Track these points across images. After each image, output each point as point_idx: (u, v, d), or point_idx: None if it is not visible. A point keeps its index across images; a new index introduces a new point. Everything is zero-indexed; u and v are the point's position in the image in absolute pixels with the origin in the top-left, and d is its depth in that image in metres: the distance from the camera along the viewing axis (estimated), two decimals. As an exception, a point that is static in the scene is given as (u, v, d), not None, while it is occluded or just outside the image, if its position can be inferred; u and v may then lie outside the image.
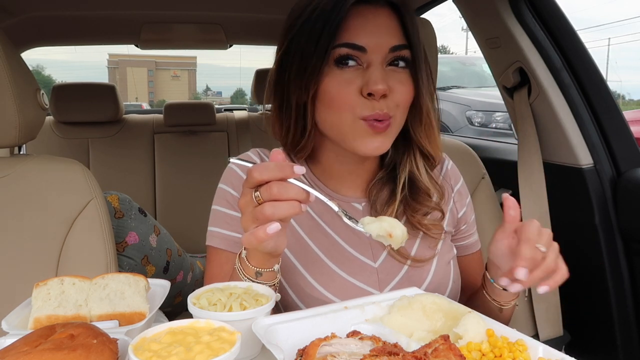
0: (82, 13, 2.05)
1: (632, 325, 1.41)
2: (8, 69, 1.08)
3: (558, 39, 1.45)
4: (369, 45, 0.82)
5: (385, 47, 0.83)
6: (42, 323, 0.68)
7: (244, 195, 0.70)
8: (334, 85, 0.83)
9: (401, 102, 0.85)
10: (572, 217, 1.47)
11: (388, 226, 0.72)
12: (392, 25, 0.85)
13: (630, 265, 1.40)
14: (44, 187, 1.15)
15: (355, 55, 0.83)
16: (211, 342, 0.56)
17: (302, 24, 0.84)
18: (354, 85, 0.82)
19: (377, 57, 0.83)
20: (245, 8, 2.08)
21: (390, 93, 0.83)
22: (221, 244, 0.92)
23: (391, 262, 0.93)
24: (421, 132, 0.92)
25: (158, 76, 56.86)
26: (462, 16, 1.64)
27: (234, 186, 0.94)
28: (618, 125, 1.45)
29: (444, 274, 0.96)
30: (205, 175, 2.56)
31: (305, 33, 0.83)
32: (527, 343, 0.65)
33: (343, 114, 0.84)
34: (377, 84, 0.80)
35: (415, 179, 0.95)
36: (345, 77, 0.83)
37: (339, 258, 0.92)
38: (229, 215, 0.93)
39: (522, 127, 1.52)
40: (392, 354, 0.57)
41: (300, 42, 0.84)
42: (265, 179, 0.67)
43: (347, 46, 0.82)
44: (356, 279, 0.91)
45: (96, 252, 1.14)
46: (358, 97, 0.82)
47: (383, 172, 0.97)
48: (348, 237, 0.94)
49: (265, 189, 0.67)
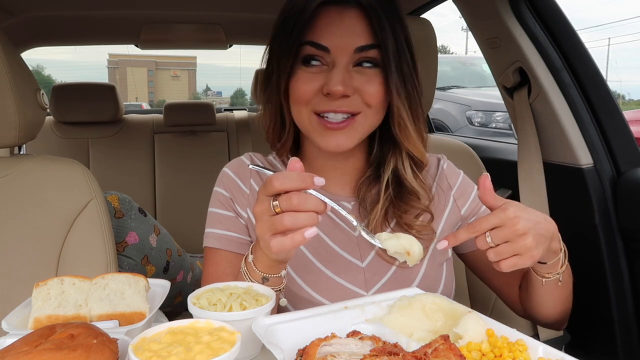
0: (82, 13, 2.05)
1: (632, 325, 1.41)
2: (8, 69, 1.08)
3: (558, 39, 1.44)
4: (332, 46, 0.84)
5: (350, 47, 0.84)
6: (42, 323, 0.68)
7: (260, 202, 0.70)
8: (298, 83, 0.86)
9: (371, 101, 0.86)
10: (572, 217, 1.47)
11: (406, 244, 0.73)
12: (359, 26, 0.85)
13: (630, 265, 1.40)
14: (44, 187, 1.15)
15: (319, 55, 0.85)
16: (211, 342, 0.57)
17: (280, 25, 0.88)
18: (316, 84, 0.85)
19: (342, 58, 0.84)
20: (246, 8, 2.08)
21: (356, 93, 0.85)
22: (216, 244, 0.93)
23: (379, 262, 0.93)
24: (398, 133, 0.91)
25: (158, 76, 56.87)
26: (462, 16, 1.64)
27: (226, 187, 0.96)
28: (618, 125, 1.45)
29: (435, 275, 0.96)
30: (205, 175, 2.54)
31: (281, 33, 0.87)
32: (527, 343, 0.65)
33: (301, 109, 0.87)
34: (337, 84, 0.82)
35: (402, 178, 0.95)
36: (309, 76, 0.86)
37: (326, 257, 0.92)
38: (221, 215, 0.95)
39: (522, 127, 1.52)
40: (392, 354, 0.57)
41: (277, 42, 0.88)
42: (285, 189, 0.67)
43: (311, 44, 0.85)
44: (342, 279, 0.91)
45: (96, 252, 1.14)
46: (317, 95, 0.85)
47: (371, 171, 0.98)
48: (335, 236, 0.94)
49: (285, 199, 0.67)
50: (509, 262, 0.73)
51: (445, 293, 0.95)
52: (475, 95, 5.37)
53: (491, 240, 0.72)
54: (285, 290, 0.89)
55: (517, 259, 0.73)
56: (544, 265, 0.83)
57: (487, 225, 0.73)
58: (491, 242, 0.72)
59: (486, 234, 0.73)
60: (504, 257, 0.73)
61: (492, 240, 0.72)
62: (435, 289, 0.94)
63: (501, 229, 0.72)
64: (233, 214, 0.95)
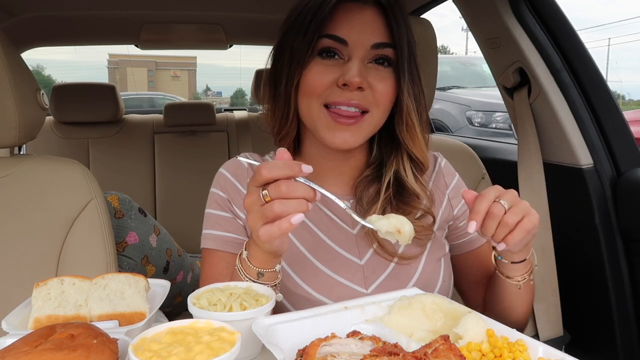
0: (82, 13, 2.05)
1: (632, 325, 1.41)
2: (8, 69, 1.08)
3: (558, 39, 1.45)
4: (350, 39, 0.85)
5: (367, 43, 0.86)
6: (42, 323, 0.68)
7: (250, 194, 0.71)
8: (312, 74, 0.87)
9: (380, 100, 0.88)
10: (572, 217, 1.47)
11: (397, 222, 0.73)
12: (376, 23, 0.87)
13: (630, 265, 1.40)
14: (44, 187, 1.14)
15: (337, 48, 0.86)
16: (211, 342, 0.56)
17: (294, 20, 0.89)
18: (330, 76, 0.86)
19: (358, 52, 0.86)
20: (245, 8, 2.08)
21: (368, 88, 0.86)
22: (213, 245, 0.94)
23: (377, 259, 0.94)
24: (404, 134, 0.93)
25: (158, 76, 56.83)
26: (462, 16, 1.64)
27: (222, 188, 0.97)
28: (618, 125, 1.45)
29: (433, 271, 0.96)
30: (205, 175, 2.53)
31: (296, 27, 0.88)
32: (527, 343, 0.65)
33: (312, 100, 0.88)
34: (355, 76, 0.83)
35: (402, 180, 0.95)
36: (324, 68, 0.86)
37: (324, 255, 0.92)
38: (219, 216, 0.95)
39: (522, 127, 1.52)
40: (392, 354, 0.57)
41: (291, 37, 0.89)
42: (274, 177, 0.67)
43: (330, 37, 0.86)
44: (341, 276, 0.91)
45: (96, 252, 1.14)
46: (332, 87, 0.86)
47: (370, 170, 0.99)
48: (333, 235, 0.94)
49: (273, 187, 0.67)
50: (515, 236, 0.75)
51: (444, 288, 0.96)
52: (475, 96, 5.37)
53: (505, 202, 0.75)
54: (284, 288, 0.89)
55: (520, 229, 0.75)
56: (518, 265, 0.86)
57: (491, 194, 0.76)
58: (505, 203, 0.75)
59: (499, 201, 0.75)
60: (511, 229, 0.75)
61: (505, 202, 0.75)
62: (434, 284, 0.95)
63: (502, 195, 0.76)
64: (230, 215, 0.95)
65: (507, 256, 0.86)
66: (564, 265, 1.46)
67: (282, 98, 0.92)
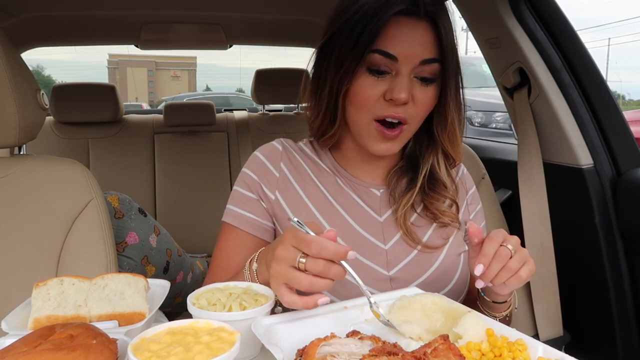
0: (82, 13, 2.05)
1: (632, 325, 1.41)
2: (8, 69, 1.08)
3: (558, 39, 1.45)
4: (400, 55, 0.85)
5: (417, 59, 0.86)
6: (41, 323, 0.68)
7: (286, 250, 0.69)
8: (362, 87, 0.87)
9: (421, 112, 0.90)
10: (572, 217, 1.47)
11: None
12: (427, 39, 0.87)
13: (630, 265, 1.40)
14: (44, 187, 1.14)
15: (386, 64, 0.86)
16: (211, 342, 0.56)
17: (344, 22, 0.88)
18: (379, 90, 0.87)
19: (407, 67, 0.86)
20: (245, 8, 2.08)
21: (411, 101, 0.87)
22: (234, 221, 0.97)
23: (402, 245, 0.96)
24: (444, 137, 0.96)
25: (158, 76, 56.83)
26: (462, 16, 1.64)
27: (254, 170, 0.99)
28: (618, 125, 1.45)
29: (453, 263, 0.99)
30: (206, 175, 2.55)
31: (346, 32, 0.87)
32: (527, 343, 0.65)
33: (362, 114, 0.89)
34: (401, 92, 0.85)
35: (435, 172, 0.99)
36: (373, 82, 0.87)
37: (351, 238, 0.95)
38: (244, 195, 0.98)
39: (522, 127, 1.52)
40: (391, 354, 0.57)
41: (340, 40, 0.88)
42: (320, 257, 0.66)
43: (381, 53, 0.85)
44: (365, 258, 0.94)
45: (96, 252, 1.14)
46: (380, 100, 0.87)
47: (403, 162, 1.02)
48: (362, 220, 0.97)
49: (313, 262, 0.66)
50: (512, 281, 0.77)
51: (460, 282, 0.99)
52: (475, 96, 5.36)
53: (512, 247, 0.76)
54: None
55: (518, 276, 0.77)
56: (500, 305, 0.89)
57: (500, 238, 0.77)
58: (512, 249, 0.76)
59: (506, 245, 0.76)
60: (513, 273, 0.76)
61: (512, 247, 0.77)
62: (451, 276, 0.98)
63: (508, 240, 0.77)
64: (256, 197, 0.98)
65: (492, 296, 0.88)
66: (564, 265, 1.46)
67: (328, 102, 0.93)
